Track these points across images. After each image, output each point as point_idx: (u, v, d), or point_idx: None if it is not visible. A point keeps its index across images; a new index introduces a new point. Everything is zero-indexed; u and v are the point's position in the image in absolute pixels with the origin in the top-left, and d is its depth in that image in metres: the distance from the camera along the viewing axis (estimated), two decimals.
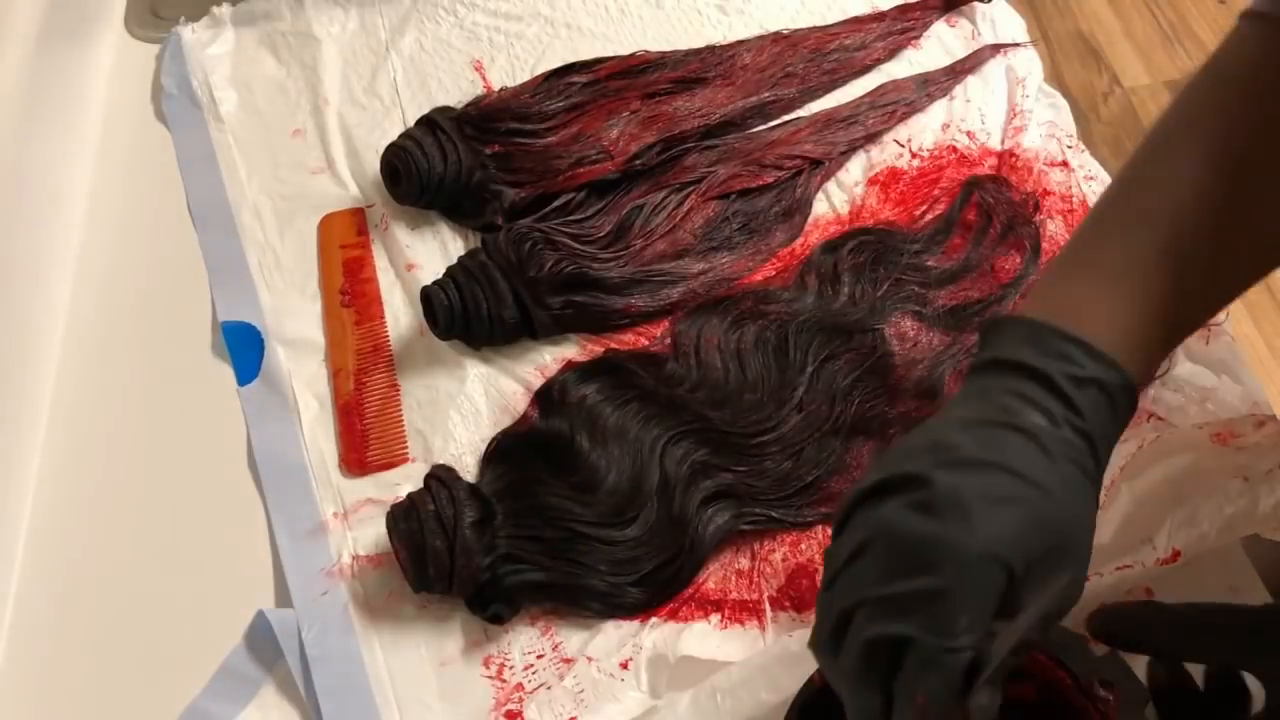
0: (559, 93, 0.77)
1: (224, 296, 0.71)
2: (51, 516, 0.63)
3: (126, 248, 0.74)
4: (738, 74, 0.80)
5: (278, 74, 0.82)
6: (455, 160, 0.72)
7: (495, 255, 0.67)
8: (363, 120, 0.79)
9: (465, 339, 0.68)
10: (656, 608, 0.57)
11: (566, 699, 0.55)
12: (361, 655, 0.57)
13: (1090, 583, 0.54)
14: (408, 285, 0.71)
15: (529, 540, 0.58)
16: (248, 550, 0.61)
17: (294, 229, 0.74)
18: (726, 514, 0.59)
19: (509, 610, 0.57)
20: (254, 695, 0.56)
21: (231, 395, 0.67)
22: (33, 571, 0.61)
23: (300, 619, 0.57)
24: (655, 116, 0.76)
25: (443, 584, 0.56)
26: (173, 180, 0.77)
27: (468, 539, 0.56)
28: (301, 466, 0.64)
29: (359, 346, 0.68)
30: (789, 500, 0.60)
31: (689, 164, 0.75)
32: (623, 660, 0.56)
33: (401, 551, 0.57)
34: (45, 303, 0.70)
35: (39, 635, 0.59)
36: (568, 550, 0.58)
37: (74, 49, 0.81)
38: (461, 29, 0.85)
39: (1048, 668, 0.46)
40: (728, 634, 0.57)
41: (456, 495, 0.57)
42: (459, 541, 0.56)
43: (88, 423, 0.67)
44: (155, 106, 0.81)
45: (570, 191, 0.73)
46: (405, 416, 0.66)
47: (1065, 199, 0.73)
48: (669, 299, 0.69)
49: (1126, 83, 0.97)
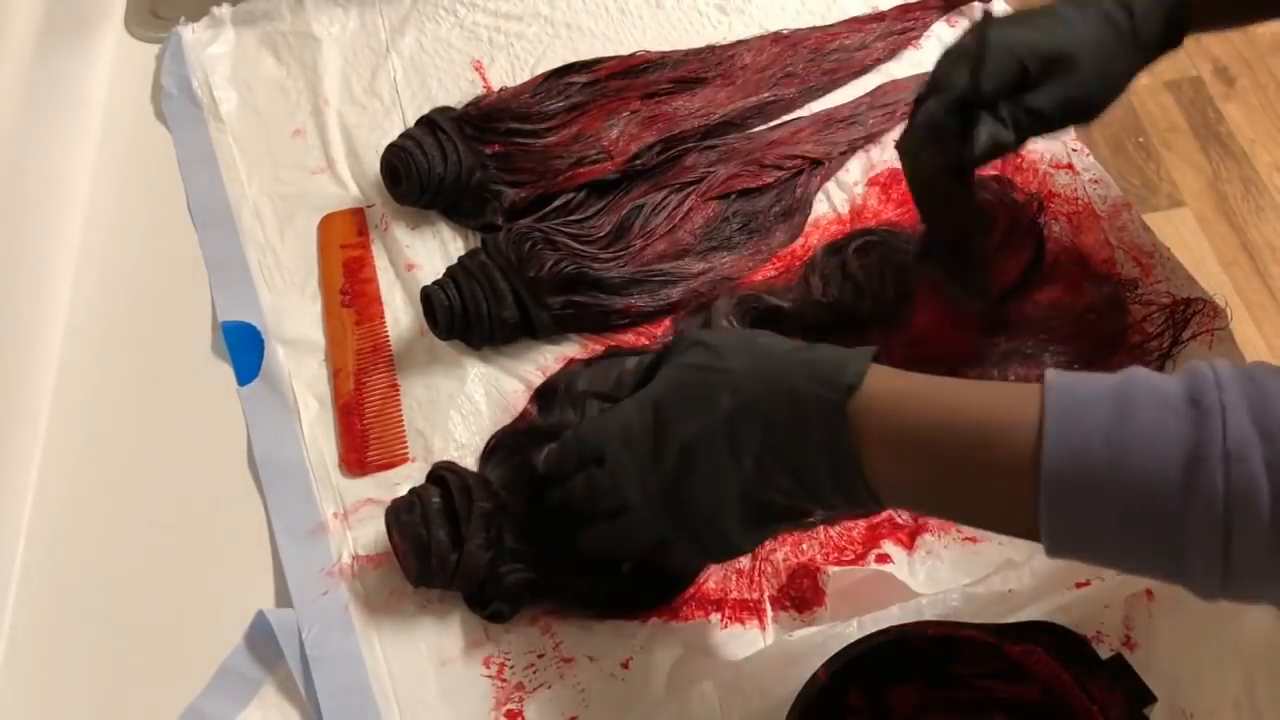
0: (559, 93, 0.77)
1: (224, 296, 0.71)
2: (51, 516, 0.63)
3: (126, 248, 0.74)
4: (738, 74, 0.80)
5: (278, 74, 0.82)
6: (455, 160, 0.72)
7: (495, 255, 0.67)
8: (363, 120, 0.79)
9: (465, 339, 0.67)
10: (657, 608, 0.57)
11: (567, 698, 0.55)
12: (362, 655, 0.57)
13: (1090, 586, 0.54)
14: (408, 285, 0.71)
15: (530, 539, 0.57)
16: (248, 550, 0.61)
17: (294, 229, 0.74)
18: None
19: (509, 609, 0.57)
20: (254, 695, 0.56)
21: (231, 395, 0.67)
22: (33, 571, 0.61)
23: (300, 619, 0.57)
24: (655, 116, 0.76)
25: (444, 577, 0.56)
26: (173, 180, 0.77)
27: (475, 529, 0.56)
28: (301, 466, 0.64)
29: (359, 346, 0.68)
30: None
31: (689, 164, 0.75)
32: (623, 660, 0.56)
33: (402, 545, 0.57)
34: (45, 302, 0.70)
35: (39, 635, 0.59)
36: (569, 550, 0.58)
37: (74, 49, 0.81)
38: (461, 29, 0.85)
39: (1051, 668, 0.46)
40: (728, 634, 0.57)
41: (470, 484, 0.57)
42: (472, 525, 0.55)
43: (88, 423, 0.67)
44: (155, 106, 0.81)
45: (570, 191, 0.73)
46: (405, 416, 0.66)
47: (1070, 201, 0.73)
48: (669, 299, 0.69)
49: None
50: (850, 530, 0.60)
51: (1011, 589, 0.54)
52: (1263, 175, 1.44)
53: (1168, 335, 0.65)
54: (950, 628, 0.48)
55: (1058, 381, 0.40)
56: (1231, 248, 1.37)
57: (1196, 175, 1.44)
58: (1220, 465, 0.36)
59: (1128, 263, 0.69)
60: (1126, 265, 0.69)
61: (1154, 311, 0.66)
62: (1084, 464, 0.38)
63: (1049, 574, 0.54)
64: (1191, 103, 0.97)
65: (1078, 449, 0.38)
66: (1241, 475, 0.36)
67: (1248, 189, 1.43)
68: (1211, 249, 1.37)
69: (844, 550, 0.59)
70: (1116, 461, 0.38)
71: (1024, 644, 0.46)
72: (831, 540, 0.59)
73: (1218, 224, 1.40)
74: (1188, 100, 0.98)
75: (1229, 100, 1.07)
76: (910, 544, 0.59)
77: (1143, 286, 0.68)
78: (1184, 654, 0.54)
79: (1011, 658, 0.47)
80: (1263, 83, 1.03)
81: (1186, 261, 0.70)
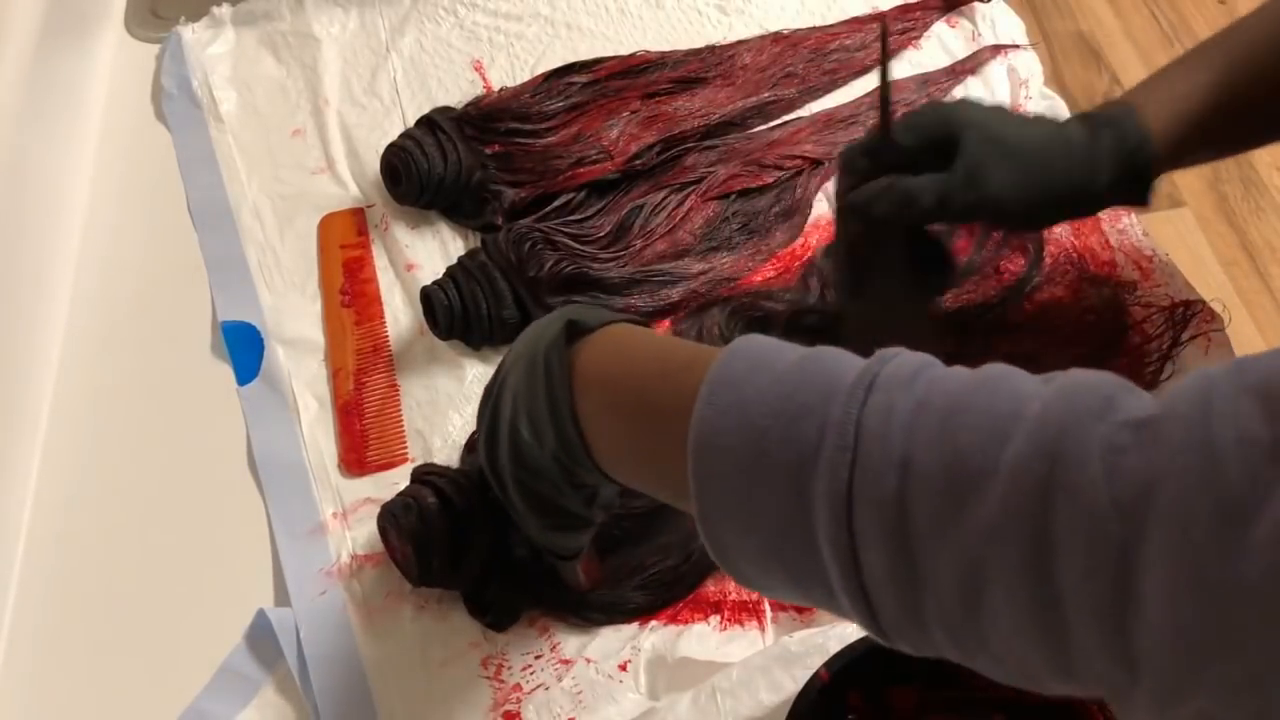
0: (559, 93, 0.77)
1: (224, 296, 0.71)
2: (51, 516, 0.63)
3: (126, 248, 0.74)
4: (738, 74, 0.80)
5: (278, 74, 0.82)
6: (455, 160, 0.72)
7: (495, 255, 0.67)
8: (363, 120, 0.79)
9: (465, 339, 0.67)
10: (656, 612, 0.57)
11: (564, 700, 0.55)
12: (360, 655, 0.57)
13: None
14: (408, 285, 0.71)
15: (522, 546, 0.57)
16: (248, 550, 0.61)
17: (294, 229, 0.74)
18: None
19: (508, 619, 0.57)
20: (254, 695, 0.56)
21: (231, 395, 0.67)
22: (33, 571, 0.61)
23: (298, 619, 0.57)
24: (655, 116, 0.76)
25: (444, 573, 0.56)
26: (173, 180, 0.77)
27: (479, 524, 0.55)
28: (301, 466, 0.64)
29: (359, 346, 0.68)
30: None
31: (689, 164, 0.75)
32: (621, 662, 0.56)
33: (402, 546, 0.56)
34: (46, 302, 0.70)
35: (39, 635, 0.59)
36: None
37: (74, 49, 0.81)
38: (461, 29, 0.85)
39: None
40: (727, 635, 0.57)
41: (468, 482, 0.57)
42: (475, 519, 0.55)
43: (88, 423, 0.67)
44: (155, 106, 0.81)
45: (570, 191, 0.73)
46: (405, 416, 0.66)
47: None
48: (669, 299, 0.69)
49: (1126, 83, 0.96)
50: None
51: None
52: (1262, 175, 1.44)
53: (1167, 337, 0.65)
54: None
55: (740, 345, 0.39)
56: (1231, 247, 1.37)
57: (1196, 175, 1.44)
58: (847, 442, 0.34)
59: (1127, 265, 0.69)
60: (1126, 268, 0.69)
61: (1153, 313, 0.66)
62: (725, 432, 0.36)
63: None
64: None
65: (724, 410, 0.36)
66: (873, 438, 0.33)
67: (1247, 189, 1.43)
68: (1211, 249, 1.37)
69: None
70: (756, 433, 0.36)
71: None
72: None
73: (1217, 224, 1.40)
74: None
75: None
76: None
77: (1142, 289, 0.68)
78: None
79: None
80: None
81: (1186, 261, 0.71)
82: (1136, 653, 0.29)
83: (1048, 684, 0.33)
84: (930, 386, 0.34)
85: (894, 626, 0.35)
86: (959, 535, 0.32)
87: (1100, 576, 0.29)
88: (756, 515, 0.36)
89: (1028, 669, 0.32)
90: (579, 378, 0.43)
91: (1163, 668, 0.28)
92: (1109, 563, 0.29)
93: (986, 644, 0.33)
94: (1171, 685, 0.28)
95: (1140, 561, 0.28)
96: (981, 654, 0.33)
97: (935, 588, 0.32)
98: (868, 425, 0.34)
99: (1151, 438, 0.29)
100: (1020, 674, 0.33)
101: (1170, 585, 0.28)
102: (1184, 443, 0.29)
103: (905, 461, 0.33)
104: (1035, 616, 0.31)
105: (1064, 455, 0.30)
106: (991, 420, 0.32)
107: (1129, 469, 0.29)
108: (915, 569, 0.33)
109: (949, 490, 0.32)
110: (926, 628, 0.34)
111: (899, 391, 0.34)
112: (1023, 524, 0.31)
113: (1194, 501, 0.28)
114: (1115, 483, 0.29)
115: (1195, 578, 0.27)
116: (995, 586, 0.31)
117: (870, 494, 0.33)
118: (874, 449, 0.33)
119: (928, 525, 0.32)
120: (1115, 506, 0.29)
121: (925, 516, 0.32)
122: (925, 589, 0.33)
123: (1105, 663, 0.30)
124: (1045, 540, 0.30)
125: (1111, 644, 0.29)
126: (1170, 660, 0.28)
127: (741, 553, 0.38)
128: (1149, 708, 0.29)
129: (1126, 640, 0.29)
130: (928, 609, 0.33)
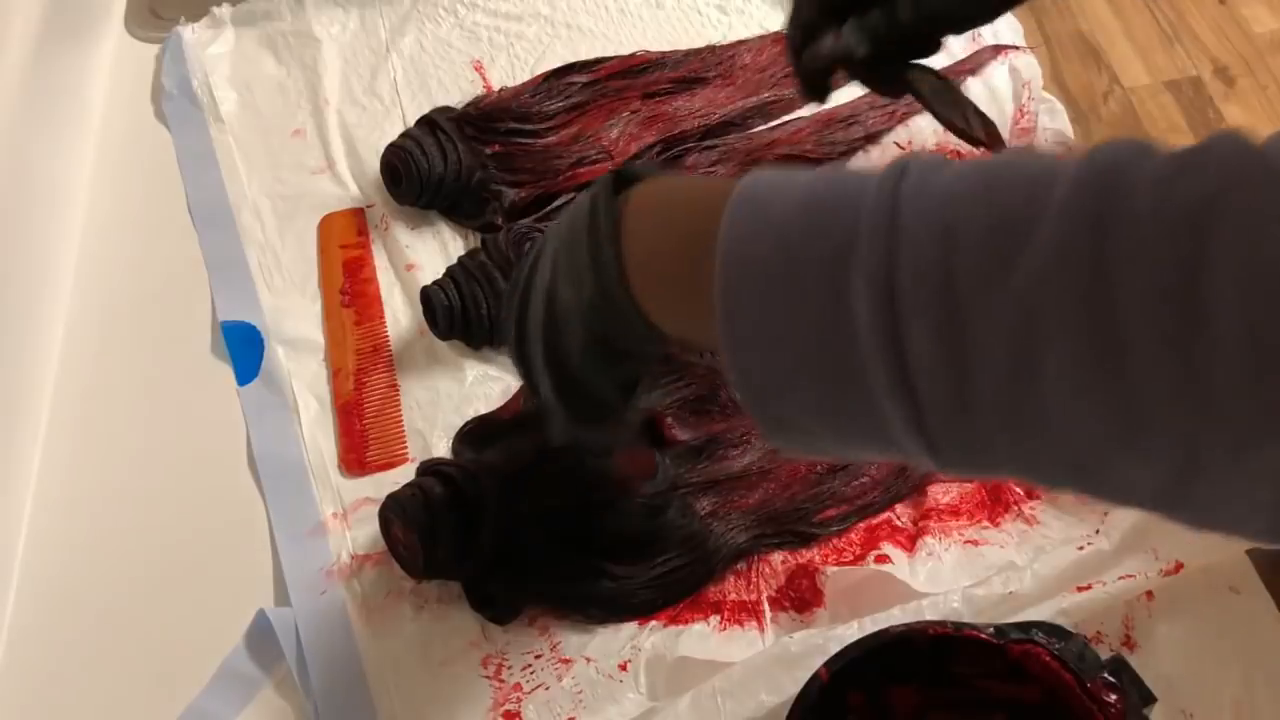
0: (559, 93, 0.77)
1: (224, 296, 0.71)
2: (51, 516, 0.63)
3: (126, 248, 0.74)
4: (738, 74, 0.80)
5: (278, 74, 0.82)
6: (455, 160, 0.72)
7: (495, 255, 0.67)
8: (363, 120, 0.79)
9: (465, 339, 0.67)
10: (658, 612, 0.57)
11: (565, 700, 0.55)
12: (359, 655, 0.57)
13: (1091, 591, 0.54)
14: (408, 285, 0.71)
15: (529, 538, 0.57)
16: (248, 550, 0.61)
17: (294, 229, 0.74)
18: (744, 535, 0.59)
19: (510, 613, 0.57)
20: (254, 695, 0.56)
21: (231, 395, 0.67)
22: (33, 571, 0.61)
23: (298, 618, 0.57)
24: (655, 116, 0.76)
25: (449, 563, 0.56)
26: (173, 180, 0.77)
27: (489, 513, 0.55)
28: (301, 466, 0.64)
29: (359, 346, 0.68)
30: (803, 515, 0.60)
31: (689, 164, 0.75)
32: (621, 662, 0.56)
33: (407, 537, 0.56)
34: (45, 303, 0.70)
35: (39, 635, 0.59)
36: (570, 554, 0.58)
37: (74, 49, 0.81)
38: (461, 29, 0.85)
39: (1051, 669, 0.46)
40: (727, 635, 0.57)
41: (477, 471, 0.57)
42: (485, 508, 0.55)
43: (88, 422, 0.67)
44: (155, 106, 0.81)
45: (570, 191, 0.72)
46: (405, 416, 0.66)
47: None
48: None
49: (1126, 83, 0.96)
50: (850, 531, 0.60)
51: (1012, 590, 0.54)
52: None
53: None
54: (951, 628, 0.48)
55: (760, 171, 0.38)
56: None
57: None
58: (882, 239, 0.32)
59: None
60: None
61: None
62: (752, 239, 0.35)
63: (1050, 576, 0.54)
64: (1191, 103, 0.97)
65: (750, 217, 0.36)
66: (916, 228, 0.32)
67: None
68: None
69: (843, 551, 0.59)
70: (786, 233, 0.35)
71: (1024, 644, 0.46)
72: (831, 541, 0.59)
73: None
74: (1188, 100, 0.98)
75: (1229, 100, 1.07)
76: (911, 547, 0.58)
77: None
78: (1184, 654, 0.54)
79: (1012, 658, 0.47)
80: (1263, 83, 1.03)
81: None
82: (1209, 386, 0.27)
83: (1113, 465, 0.30)
84: (963, 165, 0.33)
85: (943, 425, 0.32)
86: (1009, 290, 0.30)
87: (1165, 299, 0.27)
88: (789, 326, 0.35)
89: (1092, 448, 0.30)
90: (625, 218, 0.42)
91: (1236, 390, 0.27)
92: (1173, 284, 0.27)
93: (1046, 422, 0.30)
94: (1246, 420, 0.27)
95: (1205, 276, 0.27)
96: (1040, 439, 0.31)
97: (987, 360, 0.30)
98: (905, 199, 0.32)
99: (1202, 163, 0.28)
100: (1085, 457, 0.31)
101: (1241, 293, 0.26)
102: (1240, 162, 0.28)
103: (948, 230, 0.31)
104: (1098, 364, 0.29)
105: (1115, 188, 0.29)
106: (1033, 175, 0.31)
107: (1184, 189, 0.28)
108: (964, 342, 0.31)
109: (997, 248, 0.30)
110: (979, 417, 0.31)
111: (932, 172, 0.33)
112: (1079, 260, 0.29)
113: (1261, 205, 0.27)
114: (1172, 203, 0.28)
115: (1268, 273, 0.26)
116: (1052, 344, 0.29)
117: (914, 268, 0.31)
118: (914, 224, 0.32)
119: (976, 287, 0.30)
120: (1174, 224, 0.28)
121: (973, 278, 0.31)
122: (976, 367, 0.31)
123: (1175, 411, 0.28)
124: (1102, 271, 0.28)
125: (1181, 380, 0.27)
126: (1244, 383, 0.27)
127: (769, 377, 0.36)
128: (1224, 462, 0.28)
129: (1196, 374, 0.27)
130: (980, 391, 0.31)
